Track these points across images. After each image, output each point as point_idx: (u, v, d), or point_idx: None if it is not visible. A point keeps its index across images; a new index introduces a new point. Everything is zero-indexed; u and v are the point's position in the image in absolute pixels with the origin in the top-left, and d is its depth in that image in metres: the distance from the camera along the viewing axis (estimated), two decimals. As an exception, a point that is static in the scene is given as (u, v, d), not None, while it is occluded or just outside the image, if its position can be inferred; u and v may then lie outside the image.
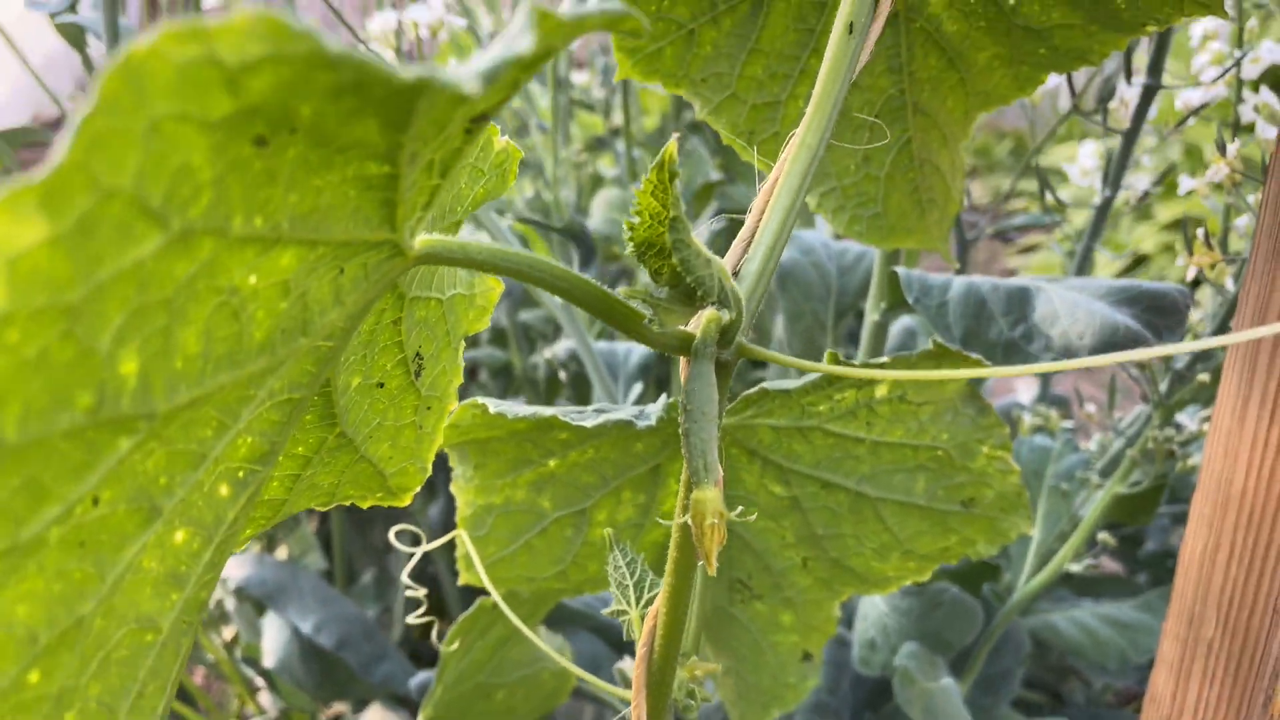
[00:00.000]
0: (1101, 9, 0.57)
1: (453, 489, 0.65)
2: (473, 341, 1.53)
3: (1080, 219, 2.35)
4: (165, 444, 0.26)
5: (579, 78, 1.80)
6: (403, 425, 0.45)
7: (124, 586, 0.27)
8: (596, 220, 1.37)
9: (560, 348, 1.16)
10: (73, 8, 0.97)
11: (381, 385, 0.42)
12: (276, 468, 0.40)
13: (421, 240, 0.33)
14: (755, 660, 0.74)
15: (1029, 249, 2.53)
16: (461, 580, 0.68)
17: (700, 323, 0.38)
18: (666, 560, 0.72)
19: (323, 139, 0.24)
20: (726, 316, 0.38)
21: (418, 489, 0.48)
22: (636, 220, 0.34)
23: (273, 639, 0.97)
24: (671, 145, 0.33)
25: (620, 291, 0.36)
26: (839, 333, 1.04)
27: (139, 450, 0.25)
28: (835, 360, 0.56)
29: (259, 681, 1.11)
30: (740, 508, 0.43)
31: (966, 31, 0.61)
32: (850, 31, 0.41)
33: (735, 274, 0.41)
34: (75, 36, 0.99)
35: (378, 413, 0.43)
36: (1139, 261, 2.74)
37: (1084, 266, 0.97)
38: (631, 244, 0.35)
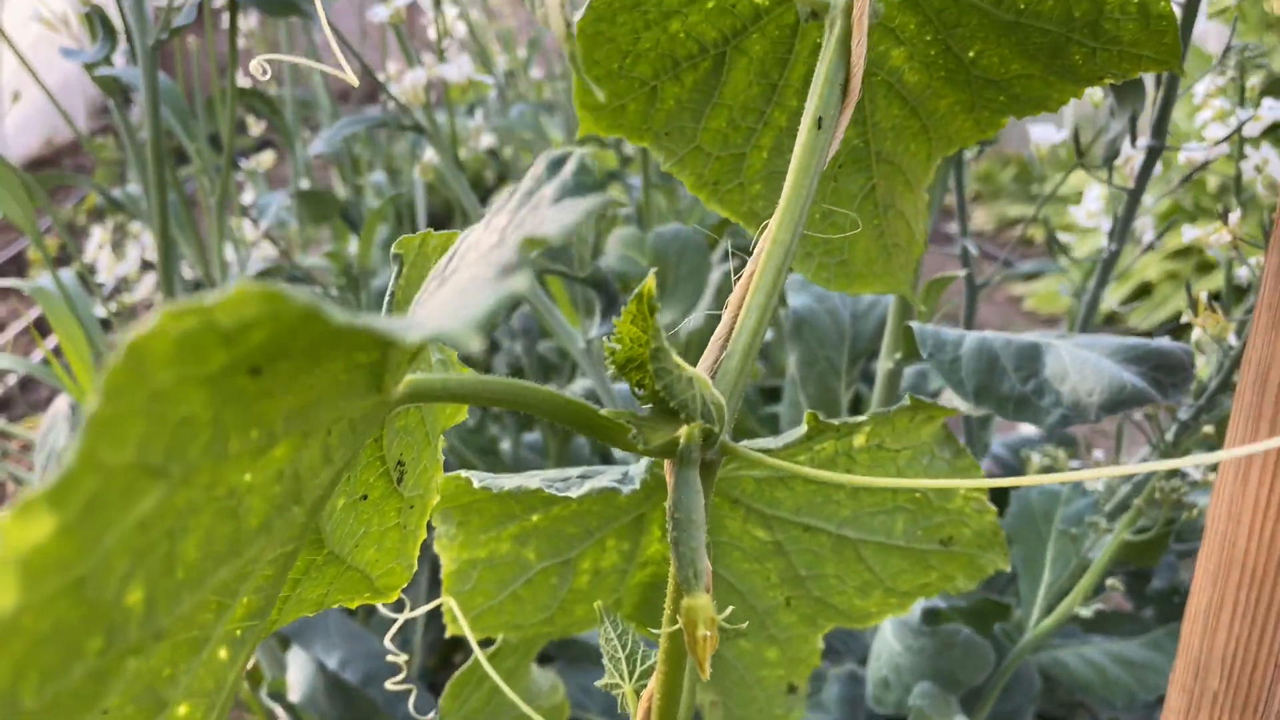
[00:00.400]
0: (1059, 62, 0.57)
1: (436, 548, 0.65)
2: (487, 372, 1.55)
3: (1086, 248, 2.37)
4: (170, 640, 0.26)
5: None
6: (387, 529, 0.45)
7: (134, 775, 0.27)
8: (611, 258, 1.37)
9: (578, 386, 1.16)
10: (108, 59, 0.95)
11: (365, 498, 0.43)
12: (269, 592, 0.40)
13: (405, 382, 0.33)
14: (742, 695, 0.75)
15: (1032, 276, 2.55)
16: (449, 633, 0.68)
17: (684, 432, 0.38)
18: (652, 604, 0.73)
19: (315, 355, 0.24)
20: (711, 426, 0.39)
21: (405, 585, 0.48)
22: (618, 347, 0.35)
23: (298, 674, 0.98)
24: (650, 280, 0.33)
25: (605, 413, 0.37)
26: (852, 377, 1.05)
27: (145, 660, 0.25)
28: (814, 421, 0.57)
29: (283, 716, 1.12)
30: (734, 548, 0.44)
31: (928, 81, 0.61)
32: (820, 127, 0.42)
33: (714, 373, 0.41)
34: (112, 86, 0.97)
35: (362, 523, 0.44)
36: (1144, 290, 2.77)
37: (1090, 314, 0.98)
38: (614, 366, 0.36)
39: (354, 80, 0.73)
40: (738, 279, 0.43)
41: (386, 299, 0.37)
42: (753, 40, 0.59)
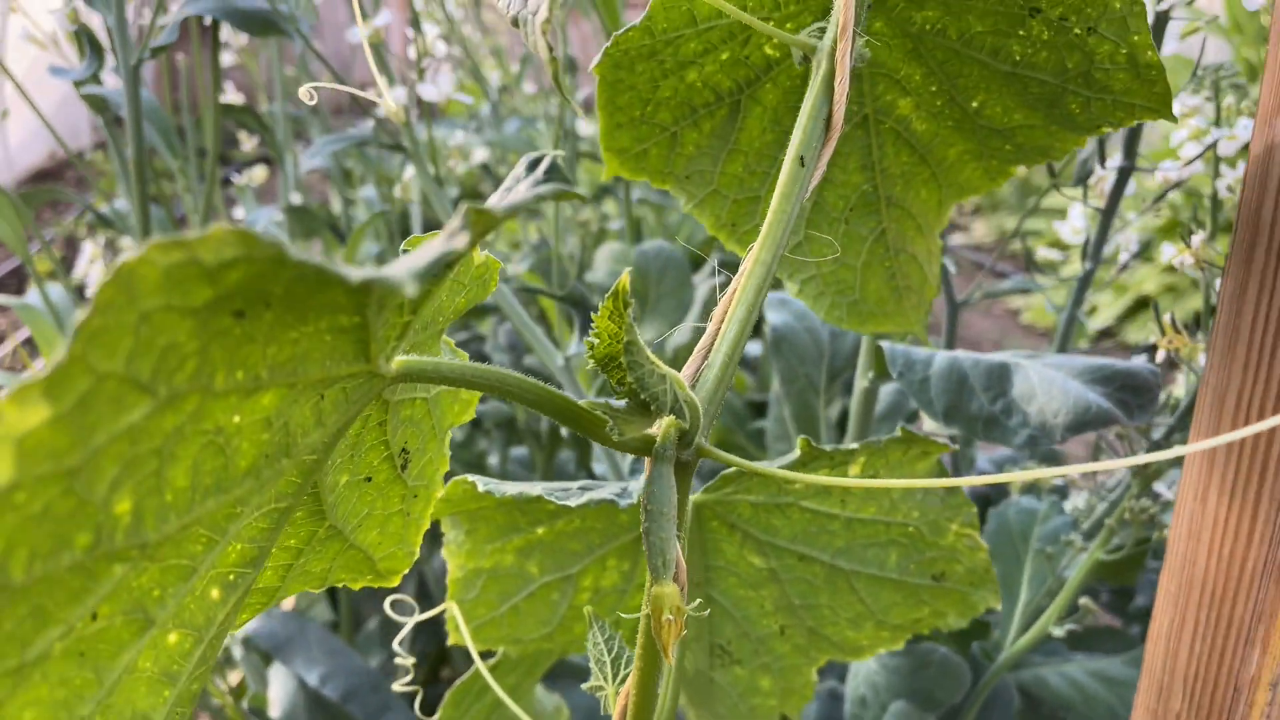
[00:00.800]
0: (1058, 112, 0.60)
1: (444, 553, 0.68)
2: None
3: (1075, 262, 2.37)
4: (158, 562, 0.29)
5: (585, 128, 1.84)
6: (390, 514, 0.48)
7: (121, 688, 0.30)
8: (601, 273, 1.41)
9: None
10: (95, 77, 1.00)
11: (369, 479, 0.46)
12: (270, 559, 0.43)
13: (398, 362, 0.36)
14: (737, 722, 0.76)
15: (1028, 290, 2.55)
16: (450, 641, 0.71)
17: (661, 428, 0.41)
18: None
19: (295, 306, 0.27)
20: (684, 424, 0.41)
21: (407, 570, 0.51)
22: (596, 341, 0.38)
23: (279, 690, 1.01)
24: (625, 278, 0.36)
25: (584, 402, 0.39)
26: (831, 394, 1.08)
27: (133, 571, 0.28)
28: (807, 447, 0.60)
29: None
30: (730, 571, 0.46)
31: (936, 130, 0.64)
32: (802, 164, 0.45)
33: (695, 382, 0.44)
34: (99, 104, 1.02)
35: (366, 504, 0.47)
36: (1142, 303, 2.76)
37: (1069, 332, 0.99)
38: (593, 360, 0.39)
39: (392, 108, 0.77)
40: (722, 290, 0.46)
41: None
42: (765, 90, 0.62)
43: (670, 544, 0.41)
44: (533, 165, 0.31)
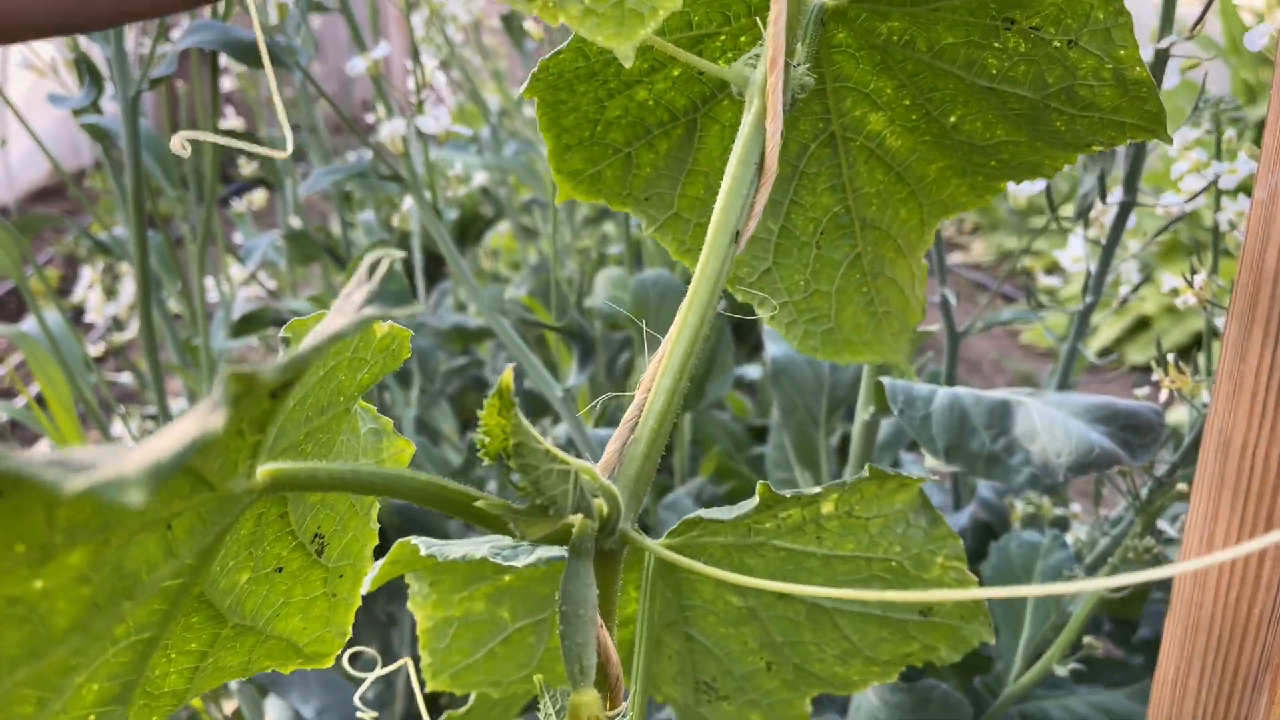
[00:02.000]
0: (1042, 129, 0.56)
1: (410, 605, 0.66)
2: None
3: (1076, 285, 2.30)
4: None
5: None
6: (312, 598, 0.46)
7: None
8: (599, 299, 1.38)
9: (562, 430, 1.17)
10: (95, 105, 0.98)
11: (280, 570, 0.43)
12: (171, 664, 0.40)
13: (264, 472, 0.33)
14: (727, 758, 0.73)
15: (1024, 320, 2.50)
16: (429, 688, 0.69)
17: (578, 522, 0.38)
18: (630, 664, 0.72)
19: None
20: (604, 511, 0.38)
21: (339, 650, 0.48)
22: (487, 440, 0.35)
23: None
24: (508, 374, 0.33)
25: (481, 503, 0.36)
26: (832, 425, 1.05)
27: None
28: (767, 492, 0.56)
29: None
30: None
31: (913, 146, 0.60)
32: (734, 240, 0.41)
33: (621, 458, 0.41)
34: (99, 133, 1.00)
35: (280, 593, 0.44)
36: (1142, 324, 2.68)
37: (1069, 365, 0.96)
38: (486, 459, 0.35)
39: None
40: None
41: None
42: (724, 107, 0.58)
43: (588, 649, 0.38)
44: (372, 269, 0.28)
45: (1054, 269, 2.77)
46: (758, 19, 0.53)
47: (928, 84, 0.56)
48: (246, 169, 1.54)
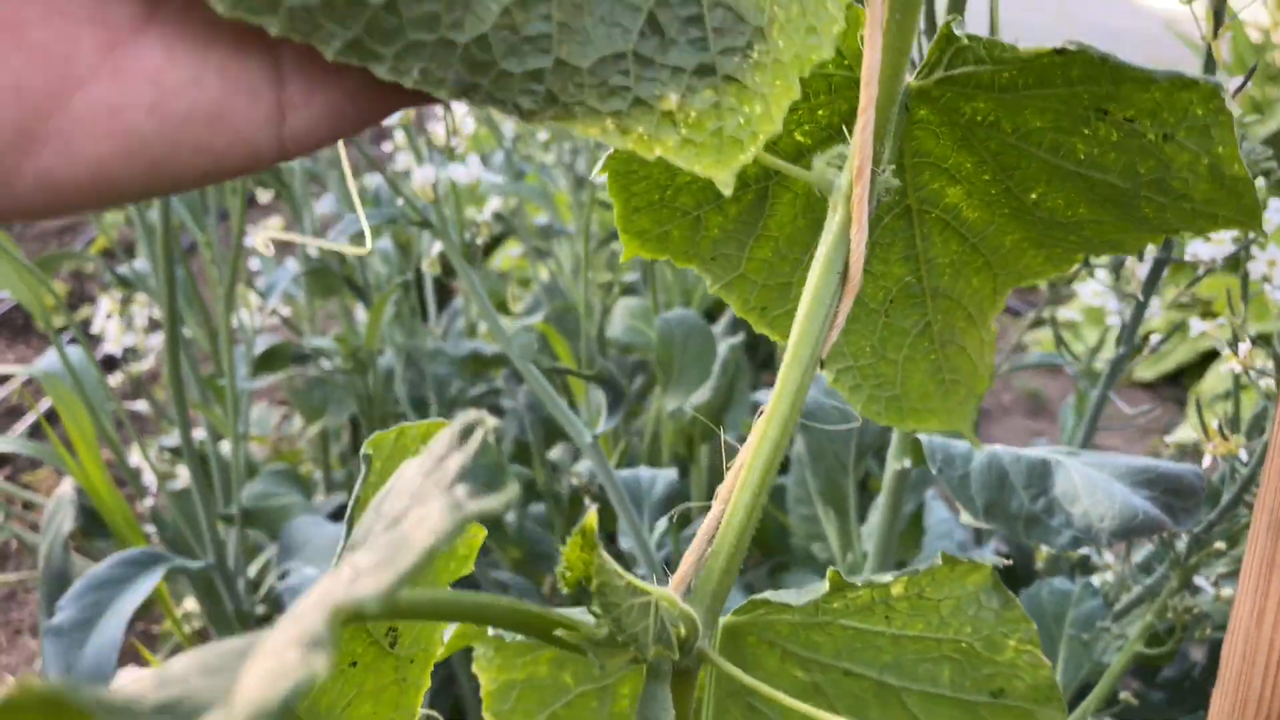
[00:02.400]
0: (1129, 213, 0.54)
1: (474, 667, 0.65)
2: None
3: (1095, 320, 2.26)
4: None
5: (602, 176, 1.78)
6: (384, 686, 0.46)
7: None
8: (618, 329, 1.38)
9: (584, 467, 1.16)
10: None
11: (354, 664, 0.43)
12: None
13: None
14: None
15: (1039, 323, 2.46)
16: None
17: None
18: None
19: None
20: (682, 634, 0.37)
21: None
22: (568, 572, 0.34)
23: None
24: (591, 516, 0.32)
25: (562, 633, 0.36)
26: (859, 473, 1.04)
27: None
28: (836, 579, 0.55)
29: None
30: None
31: (990, 218, 0.58)
32: (818, 352, 0.40)
33: (698, 571, 0.40)
34: None
35: (354, 685, 0.44)
36: (1146, 339, 2.64)
37: (1097, 415, 0.96)
38: (566, 588, 0.35)
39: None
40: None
41: (351, 503, 0.37)
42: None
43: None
44: (464, 434, 0.27)
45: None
46: (844, 127, 0.52)
47: (1010, 162, 0.55)
48: (264, 197, 1.54)
